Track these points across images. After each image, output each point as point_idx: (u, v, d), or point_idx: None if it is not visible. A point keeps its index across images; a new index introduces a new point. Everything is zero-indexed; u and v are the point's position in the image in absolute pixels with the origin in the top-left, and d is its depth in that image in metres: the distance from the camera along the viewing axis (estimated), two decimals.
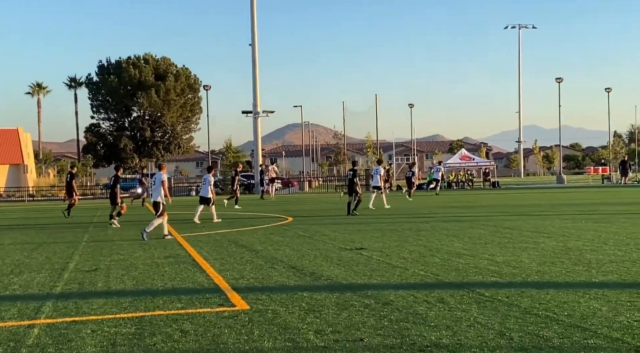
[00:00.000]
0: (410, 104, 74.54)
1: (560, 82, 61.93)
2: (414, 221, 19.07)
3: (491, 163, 58.83)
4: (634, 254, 10.72)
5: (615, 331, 6.04)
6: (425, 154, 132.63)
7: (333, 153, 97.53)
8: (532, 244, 12.50)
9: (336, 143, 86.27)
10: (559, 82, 61.98)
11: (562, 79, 62.17)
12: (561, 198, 30.84)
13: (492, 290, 8.13)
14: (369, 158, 68.26)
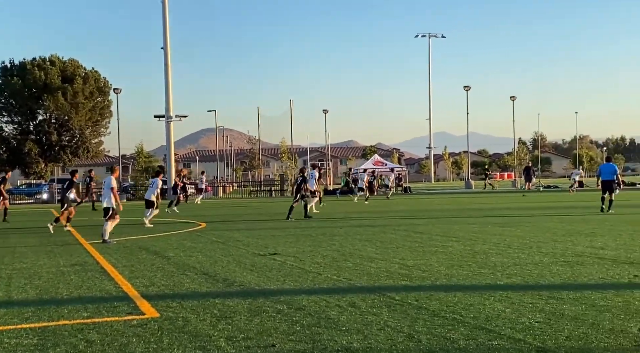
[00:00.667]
0: (325, 110, 75.18)
1: (469, 90, 64.03)
2: (328, 226, 19.20)
3: (403, 169, 60.08)
4: (536, 257, 11.17)
5: (518, 332, 6.26)
6: (339, 159, 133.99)
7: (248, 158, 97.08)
8: (442, 248, 12.83)
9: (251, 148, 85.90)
10: (467, 90, 64.06)
11: (470, 88, 64.28)
12: (469, 203, 31.83)
13: (402, 293, 8.28)
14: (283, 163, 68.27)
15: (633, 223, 16.90)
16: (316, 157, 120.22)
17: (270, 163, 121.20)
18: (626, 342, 5.80)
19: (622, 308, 7.03)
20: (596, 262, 10.34)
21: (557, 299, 7.61)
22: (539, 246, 12.59)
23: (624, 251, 11.46)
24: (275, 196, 52.45)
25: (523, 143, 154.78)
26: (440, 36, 69.72)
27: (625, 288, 8.15)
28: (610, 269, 9.64)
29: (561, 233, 14.91)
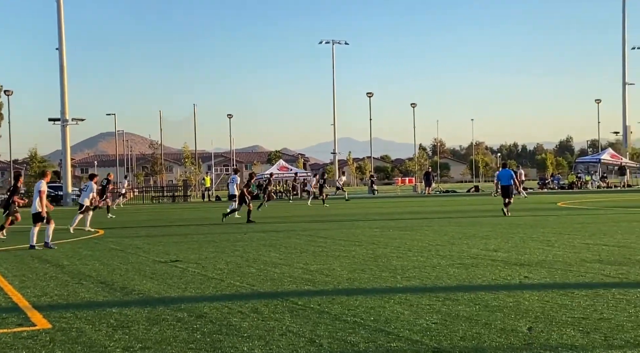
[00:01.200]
0: (229, 115, 74.64)
1: (371, 96, 65.33)
2: (231, 232, 19.04)
3: (308, 174, 60.39)
4: (434, 260, 11.50)
5: (416, 333, 6.41)
6: (244, 164, 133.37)
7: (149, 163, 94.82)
8: (344, 252, 12.98)
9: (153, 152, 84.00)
10: (369, 97, 65.32)
11: (373, 94, 65.61)
12: (372, 208, 32.39)
13: (305, 298, 8.31)
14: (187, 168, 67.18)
15: (524, 227, 17.70)
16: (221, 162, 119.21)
17: (174, 168, 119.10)
18: (516, 340, 6.06)
19: (513, 308, 7.33)
20: (490, 264, 10.76)
21: (453, 300, 7.86)
22: (437, 250, 12.97)
23: (515, 253, 11.98)
24: (178, 202, 51.51)
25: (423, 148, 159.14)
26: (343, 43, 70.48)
27: (516, 289, 8.51)
28: (502, 270, 10.05)
29: (458, 237, 15.42)
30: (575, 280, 9.05)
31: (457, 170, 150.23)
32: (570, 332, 6.24)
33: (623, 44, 75.98)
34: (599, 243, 13.08)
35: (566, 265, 10.34)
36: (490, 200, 36.11)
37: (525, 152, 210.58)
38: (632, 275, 9.25)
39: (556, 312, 7.09)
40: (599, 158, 61.07)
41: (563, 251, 12.11)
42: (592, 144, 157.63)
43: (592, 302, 7.49)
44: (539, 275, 9.52)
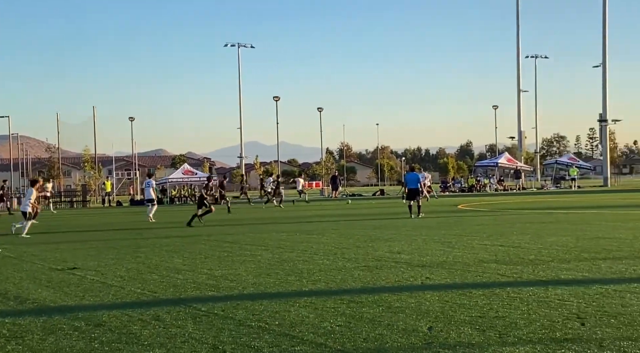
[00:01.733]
0: (131, 118, 72.65)
1: (278, 100, 65.37)
2: (133, 238, 18.56)
3: (214, 178, 59.67)
4: (340, 263, 11.61)
5: (320, 336, 6.45)
6: (147, 168, 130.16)
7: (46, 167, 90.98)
8: (250, 257, 12.90)
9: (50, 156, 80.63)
10: (276, 101, 65.36)
11: (279, 98, 65.64)
12: (279, 212, 32.36)
13: (209, 304, 8.20)
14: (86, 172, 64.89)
15: (427, 229, 18.17)
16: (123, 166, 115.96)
17: (72, 172, 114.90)
18: (417, 340, 6.19)
19: (415, 309, 7.50)
20: (393, 266, 10.97)
21: (357, 303, 7.95)
22: (343, 252, 13.10)
23: (418, 255, 12.27)
24: (77, 207, 49.78)
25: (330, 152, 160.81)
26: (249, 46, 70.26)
27: (418, 290, 8.71)
28: (405, 272, 10.26)
29: (363, 240, 15.64)
30: (473, 280, 9.37)
31: (363, 174, 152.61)
32: (468, 331, 6.44)
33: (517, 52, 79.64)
34: (496, 244, 13.59)
35: (465, 266, 10.68)
36: (395, 203, 36.91)
37: (429, 156, 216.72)
38: (525, 274, 9.67)
39: (455, 311, 7.30)
40: (496, 161, 63.69)
41: (462, 252, 12.51)
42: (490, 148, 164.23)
43: (488, 301, 7.76)
44: (439, 276, 9.79)
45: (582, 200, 33.62)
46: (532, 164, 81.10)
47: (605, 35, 62.93)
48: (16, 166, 75.42)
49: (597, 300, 7.59)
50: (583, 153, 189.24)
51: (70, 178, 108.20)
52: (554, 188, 58.83)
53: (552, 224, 18.25)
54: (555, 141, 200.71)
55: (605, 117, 63.34)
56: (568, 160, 66.06)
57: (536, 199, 36.25)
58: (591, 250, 12.06)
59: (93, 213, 38.15)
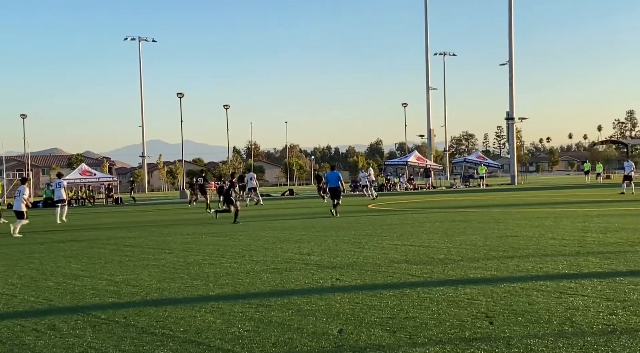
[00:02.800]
0: (23, 115, 69.46)
1: (182, 97, 63.95)
2: (26, 242, 17.60)
3: (114, 179, 57.88)
4: (248, 266, 11.34)
5: (227, 342, 6.20)
6: (42, 169, 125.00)
7: None
8: (154, 261, 12.44)
9: None
10: (180, 98, 63.95)
11: (184, 95, 64.22)
12: (183, 213, 31.65)
13: (109, 311, 7.80)
14: None
15: (337, 229, 18.15)
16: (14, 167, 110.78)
17: None
18: (327, 343, 6.05)
19: (325, 311, 7.36)
20: (303, 268, 10.81)
21: (266, 306, 7.74)
22: (251, 255, 12.85)
23: (328, 256, 12.17)
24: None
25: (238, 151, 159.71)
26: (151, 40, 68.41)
27: (328, 292, 8.59)
28: (315, 274, 10.12)
29: (272, 241, 15.42)
30: (384, 280, 9.34)
31: (271, 173, 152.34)
32: (378, 332, 6.36)
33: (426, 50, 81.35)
34: (406, 244, 13.68)
35: (375, 266, 10.66)
36: (304, 203, 36.91)
37: (338, 154, 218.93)
38: (435, 273, 9.73)
39: (365, 312, 7.21)
40: (406, 160, 64.38)
41: (373, 252, 12.51)
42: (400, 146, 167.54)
43: (398, 302, 7.72)
44: (350, 277, 9.70)
45: (490, 198, 34.67)
46: (442, 162, 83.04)
47: (511, 33, 64.86)
48: None
49: (505, 299, 7.69)
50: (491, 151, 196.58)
51: None
52: (462, 186, 60.12)
53: (461, 223, 18.63)
54: (464, 139, 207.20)
55: (512, 115, 64.74)
56: (476, 158, 67.38)
57: (445, 198, 37.13)
58: (499, 249, 12.33)
59: None
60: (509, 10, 64.66)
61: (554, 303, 7.31)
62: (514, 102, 64.77)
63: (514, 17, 65.07)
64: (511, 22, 64.93)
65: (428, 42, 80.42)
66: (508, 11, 64.76)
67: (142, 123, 68.34)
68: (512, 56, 65.06)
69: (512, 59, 65.03)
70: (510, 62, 65.11)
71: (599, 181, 60.61)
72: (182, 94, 63.81)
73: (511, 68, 64.99)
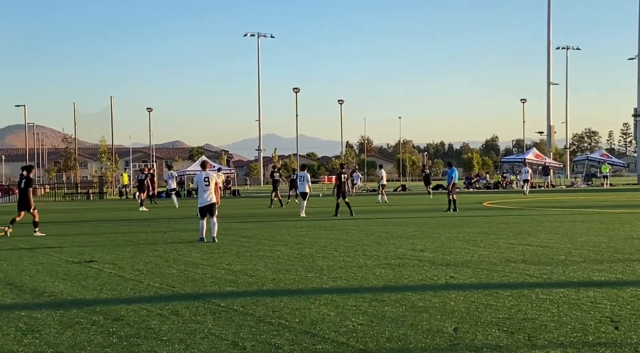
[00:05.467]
0: (149, 108, 72.73)
1: (297, 92, 65.03)
2: (150, 231, 18.50)
3: (232, 171, 59.71)
4: (361, 260, 11.39)
5: (342, 335, 6.26)
6: (165, 160, 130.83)
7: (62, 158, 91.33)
8: (269, 252, 12.74)
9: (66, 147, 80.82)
10: (296, 92, 65.05)
11: (299, 90, 65.31)
12: (296, 207, 32.12)
13: (228, 299, 8.06)
14: (103, 163, 65.10)
15: (450, 226, 17.89)
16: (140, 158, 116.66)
17: (88, 163, 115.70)
18: (442, 341, 5.98)
19: (439, 309, 7.27)
20: (416, 264, 10.73)
21: (379, 301, 7.74)
22: (364, 250, 12.89)
23: (442, 254, 12.01)
24: (93, 199, 49.89)
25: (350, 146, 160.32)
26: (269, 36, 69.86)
27: (442, 289, 8.48)
28: (429, 271, 10.02)
29: (385, 236, 15.40)
30: (500, 280, 9.11)
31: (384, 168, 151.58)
32: (495, 332, 6.22)
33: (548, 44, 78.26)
34: (523, 243, 13.29)
35: (491, 265, 10.42)
36: (417, 199, 36.60)
37: (452, 151, 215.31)
38: (555, 275, 9.38)
39: (481, 312, 7.07)
40: (523, 157, 62.30)
41: (488, 251, 12.23)
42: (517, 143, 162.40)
43: (516, 302, 7.51)
44: (464, 275, 9.53)
45: (615, 199, 33.05)
46: (562, 160, 79.52)
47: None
48: (32, 157, 75.79)
49: (631, 303, 7.31)
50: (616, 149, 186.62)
51: (86, 169, 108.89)
52: (584, 185, 57.58)
53: (583, 223, 17.87)
54: (587, 136, 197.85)
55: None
56: (600, 156, 64.14)
57: (566, 198, 35.73)
58: (625, 251, 11.74)
59: (109, 206, 38.22)
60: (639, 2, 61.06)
61: None
62: None
63: None
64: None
65: (550, 36, 77.45)
66: (638, 2, 61.17)
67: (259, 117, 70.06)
68: None
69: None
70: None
71: None
72: (297, 89, 64.89)
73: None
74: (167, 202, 38.47)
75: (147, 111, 72.74)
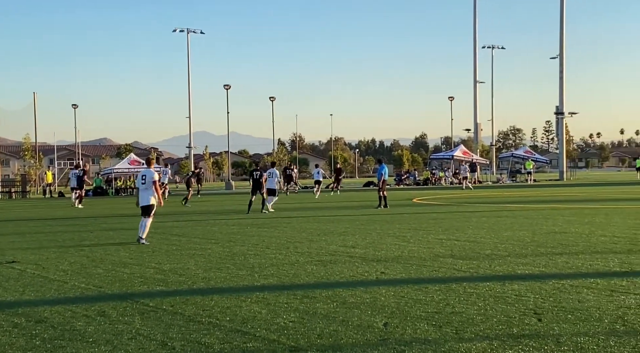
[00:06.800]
0: (74, 105, 70.72)
1: (229, 89, 64.29)
2: (76, 230, 17.99)
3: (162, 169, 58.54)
4: (293, 257, 11.39)
5: (273, 333, 6.23)
6: (92, 158, 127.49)
7: None
8: (200, 250, 12.58)
9: None
10: (227, 89, 64.30)
11: (230, 86, 64.53)
12: (229, 204, 31.95)
13: (157, 299, 7.93)
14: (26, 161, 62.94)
15: (381, 223, 18.08)
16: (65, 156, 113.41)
17: (11, 161, 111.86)
18: (372, 336, 6.03)
19: (370, 304, 7.34)
20: (347, 260, 10.80)
21: (310, 298, 7.76)
22: (296, 247, 12.89)
23: (373, 250, 12.13)
24: (16, 198, 48.21)
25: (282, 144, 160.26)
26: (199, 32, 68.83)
27: (373, 285, 8.56)
28: (360, 267, 10.11)
29: (317, 233, 15.45)
30: (429, 275, 9.27)
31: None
32: (424, 327, 6.32)
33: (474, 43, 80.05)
34: (452, 239, 13.55)
35: (421, 260, 10.59)
36: (349, 196, 36.87)
37: (383, 148, 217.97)
38: (482, 269, 9.61)
39: (411, 307, 7.17)
40: (451, 154, 63.58)
41: (418, 246, 12.42)
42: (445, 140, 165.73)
43: (444, 296, 7.65)
44: (395, 271, 9.66)
45: (538, 194, 34.11)
46: (488, 157, 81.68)
47: (562, 25, 63.35)
48: None
49: (553, 296, 7.55)
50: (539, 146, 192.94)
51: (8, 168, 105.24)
52: (509, 181, 59.32)
53: (508, 218, 18.37)
54: (512, 133, 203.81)
55: (562, 110, 63.35)
56: (524, 153, 66.21)
57: (492, 193, 36.66)
58: (547, 245, 12.12)
59: (33, 205, 37.02)
60: (561, 2, 63.24)
61: (605, 301, 7.15)
62: (563, 96, 63.34)
63: (565, 10, 63.68)
64: (563, 14, 63.49)
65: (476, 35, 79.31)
66: (560, 3, 63.34)
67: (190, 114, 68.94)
68: (562, 49, 63.66)
69: (562, 52, 63.62)
70: (561, 55, 63.69)
71: None
72: (228, 85, 64.18)
73: (562, 61, 63.57)
74: (93, 201, 37.51)
75: (72, 107, 70.74)
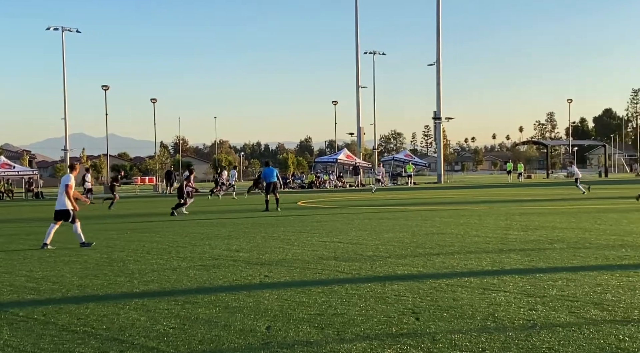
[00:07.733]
0: None
1: (107, 90, 61.63)
2: None
3: (35, 172, 55.82)
4: (175, 262, 11.14)
5: (152, 340, 6.06)
6: None
7: None
8: (75, 257, 12.08)
9: None
10: (105, 90, 61.65)
11: (109, 87, 61.83)
12: (103, 210, 30.79)
13: (27, 308, 7.53)
14: None
15: (266, 226, 18.05)
16: None
17: None
18: (255, 340, 5.99)
19: (253, 308, 7.30)
20: (231, 264, 10.69)
21: (192, 303, 7.61)
22: (178, 251, 12.63)
23: (257, 253, 12.08)
24: None
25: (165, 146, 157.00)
26: (75, 31, 65.89)
27: (257, 289, 8.52)
28: (243, 270, 10.03)
29: (200, 237, 15.20)
30: (313, 277, 9.33)
31: (200, 169, 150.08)
32: (307, 329, 6.35)
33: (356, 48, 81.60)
34: (335, 241, 13.73)
35: (304, 263, 10.64)
36: (234, 200, 36.60)
37: (268, 151, 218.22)
38: (364, 270, 9.79)
39: (294, 309, 7.19)
40: (335, 158, 64.58)
41: (302, 249, 12.49)
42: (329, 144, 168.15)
43: (327, 298, 7.73)
44: (278, 274, 9.66)
45: (418, 197, 35.18)
46: (371, 160, 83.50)
47: (439, 33, 65.68)
48: None
49: (430, 295, 7.81)
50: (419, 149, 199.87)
51: None
52: (391, 184, 60.92)
53: (389, 220, 18.84)
54: (393, 137, 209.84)
55: (439, 115, 65.60)
56: (404, 157, 68.43)
57: (374, 196, 37.50)
58: (426, 246, 12.53)
59: None
60: (437, 12, 65.79)
61: (477, 299, 7.47)
62: (441, 102, 65.85)
63: (441, 19, 66.33)
64: (439, 23, 66.04)
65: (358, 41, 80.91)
66: (436, 13, 65.89)
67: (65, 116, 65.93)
68: (439, 56, 66.11)
69: (439, 59, 66.07)
70: (438, 63, 66.13)
71: (520, 181, 62.64)
72: (107, 86, 61.66)
73: (439, 69, 66.03)
74: None
75: None
